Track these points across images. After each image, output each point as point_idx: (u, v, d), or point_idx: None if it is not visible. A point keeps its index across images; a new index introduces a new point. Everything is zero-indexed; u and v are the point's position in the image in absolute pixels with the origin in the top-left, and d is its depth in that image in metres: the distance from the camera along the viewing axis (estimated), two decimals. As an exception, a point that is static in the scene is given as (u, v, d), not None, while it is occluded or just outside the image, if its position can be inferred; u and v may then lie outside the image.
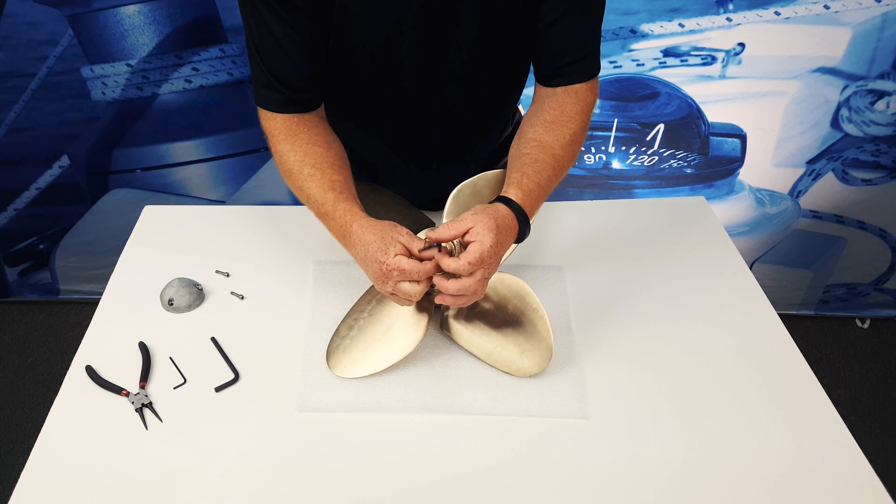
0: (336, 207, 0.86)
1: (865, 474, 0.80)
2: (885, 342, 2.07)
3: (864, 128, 1.67)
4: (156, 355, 0.93)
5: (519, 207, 0.85)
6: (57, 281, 2.07)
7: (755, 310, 1.01)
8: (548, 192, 0.90)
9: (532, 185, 0.87)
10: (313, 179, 0.88)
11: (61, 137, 1.72)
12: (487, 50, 0.93)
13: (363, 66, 0.93)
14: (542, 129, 0.92)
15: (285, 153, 0.91)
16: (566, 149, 0.91)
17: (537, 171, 0.88)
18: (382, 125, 1.03)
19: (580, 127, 0.93)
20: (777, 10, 1.49)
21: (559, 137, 0.91)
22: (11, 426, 1.82)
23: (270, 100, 0.92)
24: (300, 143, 0.91)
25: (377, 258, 0.81)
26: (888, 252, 1.93)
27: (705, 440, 0.83)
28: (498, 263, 0.83)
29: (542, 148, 0.90)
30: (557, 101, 0.93)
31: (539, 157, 0.90)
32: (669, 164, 1.78)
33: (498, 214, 0.82)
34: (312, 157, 0.90)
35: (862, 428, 1.80)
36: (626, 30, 1.53)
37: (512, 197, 0.85)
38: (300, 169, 0.89)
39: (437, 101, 0.98)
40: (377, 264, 0.81)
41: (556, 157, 0.90)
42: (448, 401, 0.88)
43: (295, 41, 0.88)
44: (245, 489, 0.78)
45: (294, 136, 0.91)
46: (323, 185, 0.88)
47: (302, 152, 0.90)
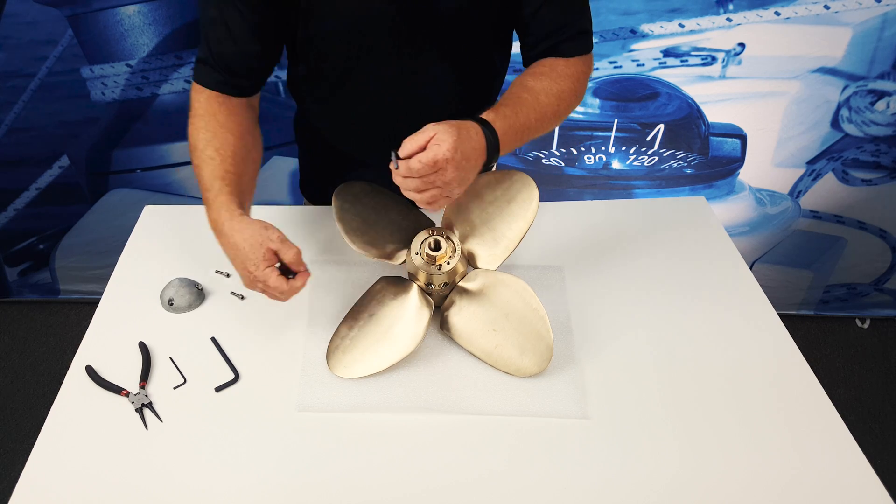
0: (217, 198, 0.86)
1: (866, 474, 0.80)
2: (885, 342, 2.07)
3: (865, 128, 1.67)
4: (156, 355, 0.93)
5: (490, 127, 0.84)
6: (57, 281, 2.07)
7: (755, 310, 1.01)
8: (525, 134, 0.90)
9: (510, 114, 0.87)
10: (211, 163, 0.89)
11: (61, 137, 1.72)
12: (463, 45, 0.94)
13: (334, 51, 0.94)
14: (531, 77, 0.93)
15: (198, 128, 0.91)
16: (551, 98, 0.91)
17: (517, 107, 0.89)
18: (360, 116, 1.03)
19: (570, 87, 0.94)
20: (777, 10, 1.49)
21: (546, 87, 0.92)
22: (11, 426, 1.82)
23: (206, 77, 0.93)
24: (214, 124, 0.91)
25: (245, 266, 0.82)
26: (888, 252, 1.93)
27: (705, 440, 0.83)
28: (461, 174, 0.80)
29: (527, 90, 0.91)
30: (548, 61, 0.95)
31: (523, 96, 0.90)
32: (669, 164, 1.78)
33: (462, 125, 0.81)
34: (219, 142, 0.90)
35: (862, 428, 1.80)
36: (626, 30, 1.53)
37: (485, 118, 0.85)
38: (204, 148, 0.90)
39: (413, 92, 0.98)
40: (245, 272, 0.83)
41: (539, 102, 0.90)
42: (448, 401, 0.88)
43: (246, 23, 0.89)
44: (245, 489, 0.78)
45: (212, 114, 0.92)
46: (217, 171, 0.88)
47: (211, 133, 0.91)
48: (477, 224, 0.98)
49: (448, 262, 0.92)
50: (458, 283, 0.95)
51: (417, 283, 0.95)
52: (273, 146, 1.76)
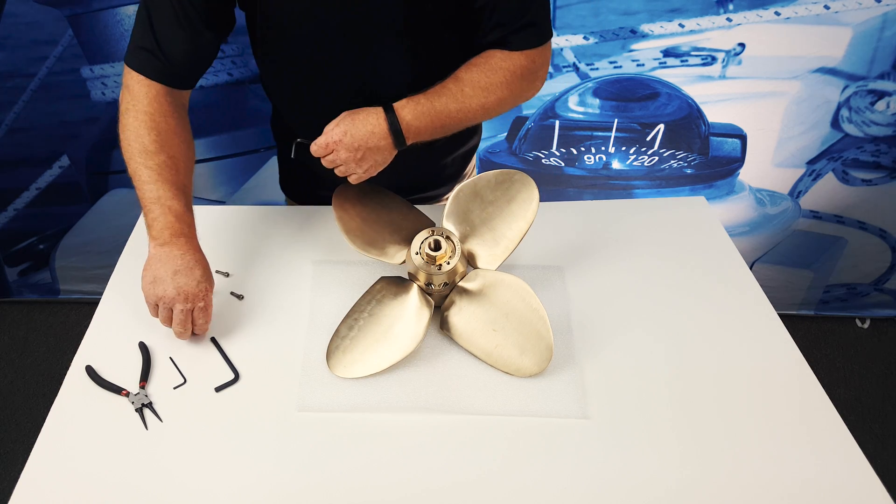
0: (186, 212, 0.92)
1: (866, 475, 0.80)
2: (885, 342, 2.07)
3: (865, 128, 1.67)
4: (156, 355, 0.93)
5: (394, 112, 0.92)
6: (57, 281, 2.07)
7: (755, 310, 1.01)
8: (444, 121, 0.94)
9: (424, 101, 0.93)
10: (167, 169, 0.92)
11: (61, 137, 1.72)
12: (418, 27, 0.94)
13: (287, 32, 0.94)
14: (464, 68, 0.95)
15: (145, 126, 0.93)
16: (476, 90, 0.94)
17: (437, 95, 0.93)
18: (317, 100, 1.03)
19: (501, 81, 0.94)
20: (777, 10, 1.49)
21: (474, 78, 0.94)
22: (11, 426, 1.82)
23: (145, 64, 0.93)
24: (166, 125, 0.94)
25: (204, 283, 0.90)
26: (888, 252, 1.93)
27: (705, 440, 0.83)
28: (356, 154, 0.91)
29: (455, 80, 0.94)
30: (487, 53, 0.96)
31: (448, 86, 0.94)
32: (669, 164, 1.78)
33: (362, 112, 0.92)
34: (172, 148, 0.94)
35: (862, 428, 1.80)
36: (626, 30, 1.53)
37: (397, 103, 0.92)
38: (157, 152, 0.92)
39: (367, 74, 0.98)
40: (201, 286, 0.89)
41: (463, 93, 0.94)
42: (448, 401, 0.88)
43: (193, 6, 0.89)
44: (245, 489, 0.78)
45: (162, 116, 0.94)
46: (174, 181, 0.92)
47: (165, 138, 0.94)
48: (477, 224, 0.98)
49: (448, 262, 0.92)
50: (458, 283, 0.95)
51: (417, 283, 0.95)
52: (273, 146, 1.75)
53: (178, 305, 0.88)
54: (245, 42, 1.05)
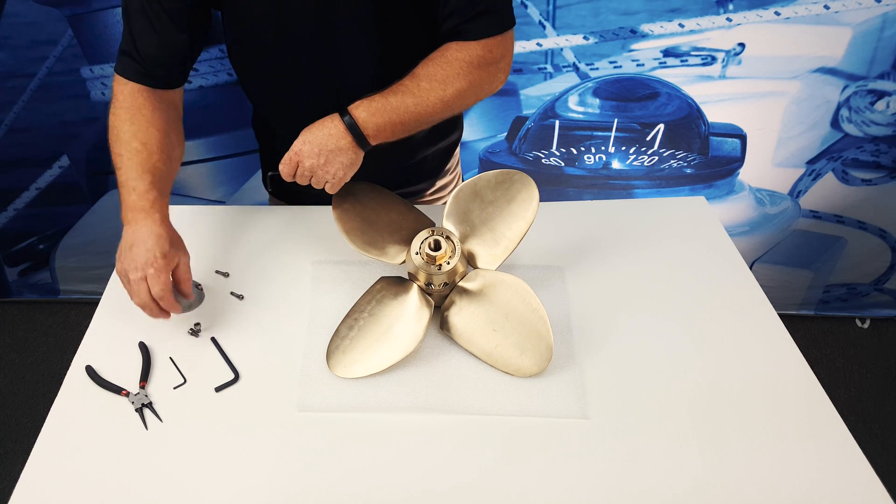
0: (149, 191, 0.91)
1: (866, 475, 0.80)
2: (885, 342, 2.07)
3: (864, 128, 1.67)
4: (156, 355, 0.93)
5: (349, 113, 0.92)
6: (57, 281, 2.07)
7: (755, 310, 1.01)
8: (402, 117, 0.94)
9: (379, 99, 0.93)
10: (138, 156, 0.93)
11: (61, 137, 1.72)
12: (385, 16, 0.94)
13: (257, 26, 0.95)
14: (421, 63, 0.95)
15: (122, 119, 0.95)
16: (433, 84, 0.93)
17: (393, 93, 0.93)
18: (286, 91, 1.03)
19: (457, 73, 0.93)
20: (777, 10, 1.49)
21: (430, 72, 0.93)
22: (11, 426, 1.82)
23: (129, 68, 0.95)
24: (140, 118, 0.94)
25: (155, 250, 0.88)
26: (888, 252, 1.93)
27: (704, 440, 0.83)
28: (320, 160, 0.92)
29: (412, 76, 0.94)
30: (445, 45, 0.95)
31: (404, 82, 0.94)
32: (669, 164, 1.78)
33: (319, 121, 0.94)
34: (145, 136, 0.94)
35: (862, 428, 1.80)
36: (626, 30, 1.53)
37: (352, 106, 0.93)
38: (129, 140, 0.93)
39: (334, 64, 0.98)
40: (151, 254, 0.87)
41: (420, 88, 0.93)
42: (448, 401, 0.88)
43: (166, 12, 0.90)
44: (245, 489, 0.78)
45: (137, 108, 0.95)
46: (145, 164, 0.92)
47: (137, 126, 0.94)
48: (477, 224, 0.98)
49: (448, 262, 0.92)
50: (458, 283, 0.95)
51: (417, 283, 0.95)
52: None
53: (130, 275, 0.88)
54: None
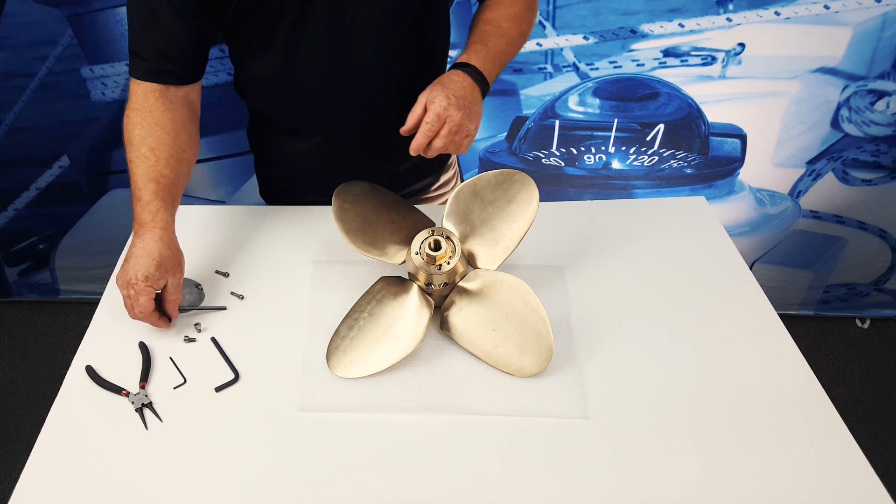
0: (151, 201, 0.92)
1: (865, 475, 0.80)
2: (885, 342, 2.07)
3: (864, 128, 1.67)
4: (156, 355, 0.93)
5: (468, 66, 0.96)
6: (57, 281, 2.07)
7: (755, 310, 1.01)
8: (501, 59, 1.02)
9: (480, 49, 0.99)
10: (146, 162, 0.93)
11: (61, 137, 1.72)
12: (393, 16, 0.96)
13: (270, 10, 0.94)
14: (487, 10, 1.04)
15: (133, 123, 0.94)
16: (511, 22, 1.03)
17: (484, 40, 1.00)
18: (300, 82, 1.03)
19: (524, 7, 1.05)
20: (777, 10, 1.49)
21: (503, 13, 1.03)
22: (11, 426, 1.82)
23: (140, 68, 0.95)
24: (150, 120, 0.94)
25: (137, 272, 0.88)
26: (888, 252, 1.93)
27: (705, 440, 0.83)
28: (466, 110, 0.92)
29: (487, 22, 1.02)
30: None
31: (486, 29, 1.02)
32: (669, 164, 1.78)
33: (443, 77, 0.95)
34: (154, 140, 0.93)
35: (862, 428, 1.80)
36: (626, 30, 1.53)
37: (461, 60, 0.98)
38: (139, 145, 0.93)
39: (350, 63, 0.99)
40: (133, 274, 0.88)
41: (502, 29, 1.02)
42: (448, 401, 0.88)
43: (173, 7, 0.90)
44: (245, 489, 0.78)
45: (148, 110, 0.95)
46: (151, 173, 0.92)
47: (146, 131, 0.94)
48: (477, 224, 0.98)
49: (448, 262, 0.92)
50: (458, 283, 0.95)
51: (417, 283, 0.95)
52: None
53: (122, 291, 0.90)
54: None
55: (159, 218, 0.92)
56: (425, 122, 0.90)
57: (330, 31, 0.96)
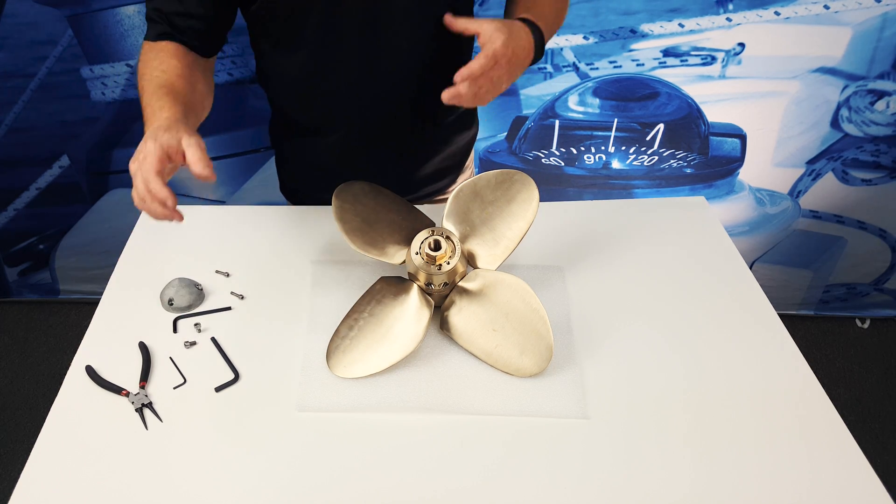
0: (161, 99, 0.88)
1: (865, 474, 0.80)
2: (885, 342, 2.07)
3: (864, 128, 1.67)
4: (156, 355, 0.94)
5: (535, 25, 0.92)
6: (57, 281, 2.07)
7: (755, 310, 1.01)
8: (553, 27, 1.00)
9: (539, 14, 0.95)
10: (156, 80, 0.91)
11: (61, 137, 1.72)
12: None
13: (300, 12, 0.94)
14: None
15: (144, 62, 0.94)
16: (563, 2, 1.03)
17: (539, 7, 0.97)
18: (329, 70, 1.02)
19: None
20: (777, 10, 1.49)
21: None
22: (11, 426, 1.83)
23: (149, 31, 0.95)
24: (163, 55, 0.94)
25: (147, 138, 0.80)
26: (888, 252, 1.93)
27: (705, 440, 0.83)
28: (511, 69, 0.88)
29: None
30: None
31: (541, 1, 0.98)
32: (669, 164, 1.78)
33: (513, 24, 0.89)
34: (166, 65, 0.93)
35: (862, 428, 1.80)
36: (626, 30, 1.53)
37: (527, 17, 0.93)
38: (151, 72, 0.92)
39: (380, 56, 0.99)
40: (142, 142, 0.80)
41: (547, 2, 1.00)
42: (448, 401, 0.88)
43: None
44: (245, 489, 0.78)
45: (161, 49, 0.94)
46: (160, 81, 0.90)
47: (160, 60, 0.93)
48: (477, 224, 0.98)
49: (448, 262, 0.92)
50: (458, 283, 0.95)
51: (417, 283, 0.95)
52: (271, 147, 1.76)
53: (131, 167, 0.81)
54: (245, 42, 1.05)
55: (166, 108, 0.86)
56: (481, 56, 0.85)
57: (362, 25, 0.95)
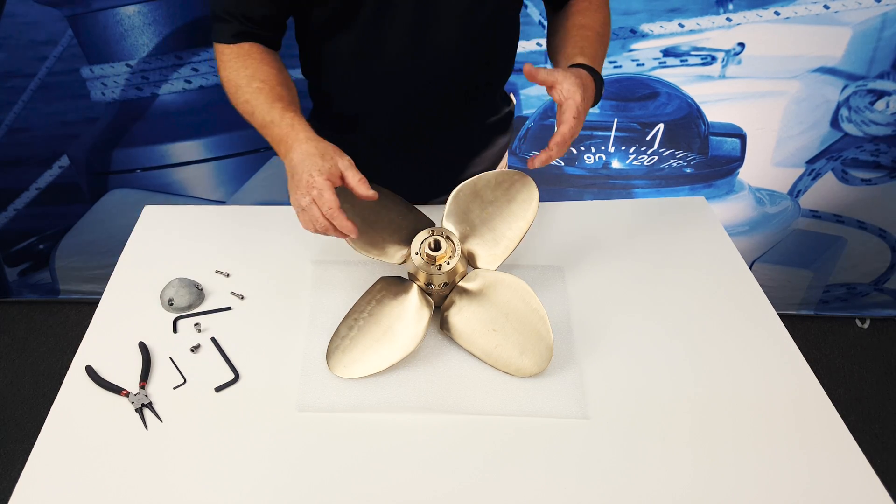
0: (283, 116, 0.89)
1: (866, 475, 0.80)
2: (885, 342, 2.07)
3: (864, 128, 1.67)
4: (156, 355, 0.94)
5: (596, 72, 0.93)
6: (57, 281, 2.07)
7: (755, 310, 1.01)
8: (600, 65, 0.98)
9: (591, 55, 0.96)
10: (261, 93, 0.91)
11: (61, 137, 1.72)
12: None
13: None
14: (579, 16, 1.02)
15: (234, 70, 0.94)
16: (604, 27, 1.03)
17: (591, 45, 0.98)
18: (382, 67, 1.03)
19: (607, 15, 1.05)
20: (777, 10, 1.49)
21: (595, 20, 1.02)
22: (11, 426, 1.82)
23: (222, 32, 0.95)
24: (251, 62, 0.94)
25: (311, 172, 0.84)
26: (888, 252, 1.93)
27: (705, 440, 0.83)
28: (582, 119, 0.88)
29: (585, 28, 1.00)
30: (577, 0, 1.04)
31: (587, 35, 0.99)
32: (669, 163, 1.78)
33: (579, 73, 0.89)
34: (263, 74, 0.93)
35: (862, 428, 1.80)
36: (626, 30, 1.53)
37: (582, 62, 0.93)
38: (248, 83, 0.92)
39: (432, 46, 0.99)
40: (307, 175, 0.84)
41: (598, 34, 1.01)
42: (448, 401, 0.88)
43: None
44: (245, 489, 0.78)
45: (246, 55, 0.95)
46: (271, 97, 0.91)
47: (252, 69, 0.93)
48: (477, 224, 0.98)
49: (448, 262, 0.92)
50: (458, 283, 0.95)
51: (417, 283, 0.95)
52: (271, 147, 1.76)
53: (301, 202, 0.85)
54: None
55: (297, 124, 0.89)
56: (570, 118, 0.86)
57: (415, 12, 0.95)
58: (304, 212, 0.86)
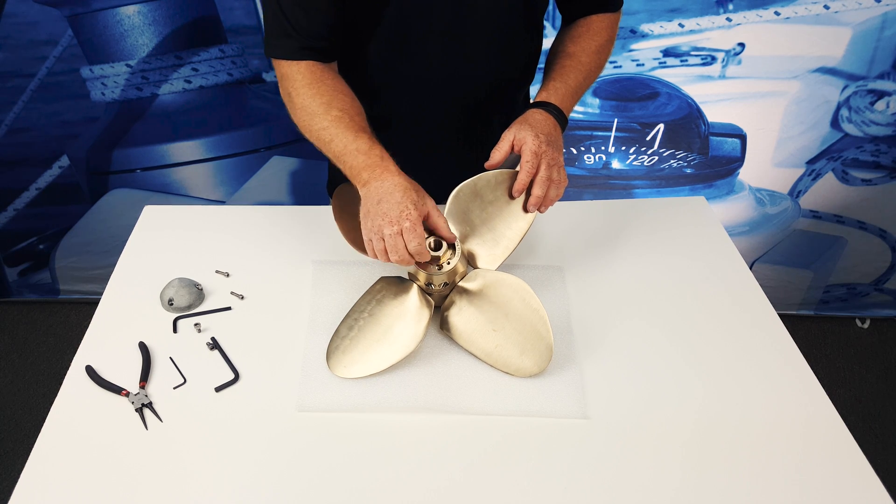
0: (372, 147, 0.90)
1: (865, 474, 0.80)
2: (885, 342, 2.07)
3: (864, 128, 1.67)
4: (156, 355, 0.94)
5: (549, 104, 0.98)
6: (57, 281, 2.07)
7: (755, 310, 1.01)
8: (578, 93, 1.03)
9: (559, 86, 1.00)
10: (341, 122, 0.92)
11: (61, 137, 1.72)
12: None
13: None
14: (569, 42, 1.05)
15: (309, 96, 0.94)
16: (591, 56, 1.04)
17: (563, 76, 1.01)
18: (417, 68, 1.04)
19: (606, 39, 1.06)
20: (777, 10, 1.49)
21: (584, 46, 1.04)
22: (11, 426, 1.82)
23: (285, 47, 0.94)
24: (326, 88, 0.94)
25: (406, 204, 0.85)
26: (888, 252, 1.93)
27: (704, 440, 0.83)
28: (556, 148, 0.94)
29: (567, 56, 1.03)
30: (584, 21, 1.06)
31: (565, 64, 1.02)
32: (669, 164, 1.78)
33: (526, 116, 0.96)
34: (340, 103, 0.93)
35: (862, 428, 1.80)
36: (626, 30, 1.53)
37: (541, 99, 0.99)
38: (326, 111, 0.92)
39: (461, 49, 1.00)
40: (402, 206, 0.85)
41: (582, 63, 1.03)
42: (448, 401, 0.88)
43: None
44: (245, 489, 0.78)
45: (319, 80, 0.94)
46: (352, 127, 0.92)
47: (328, 97, 0.93)
48: (477, 224, 0.98)
49: (448, 262, 0.92)
50: (458, 283, 0.95)
51: (417, 283, 0.95)
52: (273, 146, 1.76)
53: (385, 231, 0.86)
54: (245, 42, 1.05)
55: (387, 157, 0.90)
56: (525, 162, 0.92)
57: (450, 23, 0.97)
58: (383, 240, 0.86)
